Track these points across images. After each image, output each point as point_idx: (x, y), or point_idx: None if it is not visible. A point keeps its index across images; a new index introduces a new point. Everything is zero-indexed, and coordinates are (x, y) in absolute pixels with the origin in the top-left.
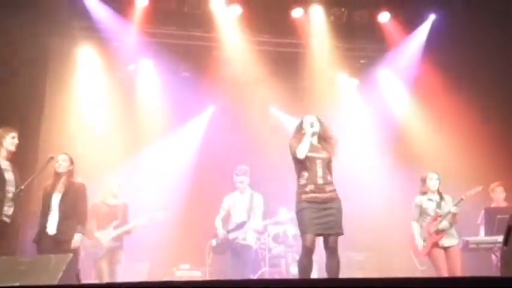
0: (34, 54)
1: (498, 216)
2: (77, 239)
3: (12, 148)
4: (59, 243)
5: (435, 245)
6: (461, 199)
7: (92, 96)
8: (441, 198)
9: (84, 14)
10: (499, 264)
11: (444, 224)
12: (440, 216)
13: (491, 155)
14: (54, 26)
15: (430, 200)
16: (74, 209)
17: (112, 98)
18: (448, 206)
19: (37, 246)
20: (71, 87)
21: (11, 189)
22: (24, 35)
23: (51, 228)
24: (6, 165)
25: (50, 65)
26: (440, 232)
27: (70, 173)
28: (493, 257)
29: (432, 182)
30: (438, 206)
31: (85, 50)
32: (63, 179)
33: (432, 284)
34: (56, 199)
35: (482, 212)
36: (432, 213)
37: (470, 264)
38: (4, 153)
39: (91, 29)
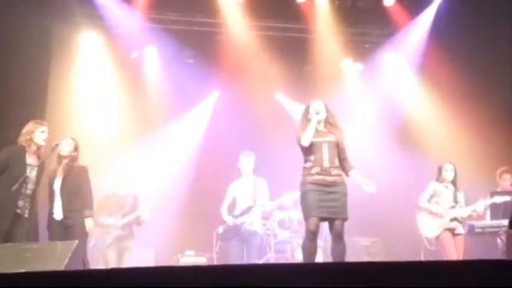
0: (37, 40)
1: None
2: (89, 224)
3: (43, 143)
4: (67, 228)
5: (449, 229)
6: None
7: (96, 83)
8: (457, 189)
9: (87, 0)
10: (504, 247)
11: (460, 212)
12: (456, 205)
13: (499, 140)
14: (57, 12)
15: (446, 187)
16: (77, 193)
17: (116, 85)
18: (461, 199)
19: (48, 233)
20: (74, 73)
21: (30, 186)
22: (27, 21)
23: (58, 213)
24: (31, 160)
25: (53, 51)
26: (454, 220)
27: (72, 158)
28: (499, 240)
29: (448, 173)
30: (455, 195)
31: (88, 37)
32: (63, 163)
33: (437, 267)
34: (57, 184)
35: (488, 196)
36: (448, 199)
37: (476, 249)
38: (34, 148)
39: (94, 15)
